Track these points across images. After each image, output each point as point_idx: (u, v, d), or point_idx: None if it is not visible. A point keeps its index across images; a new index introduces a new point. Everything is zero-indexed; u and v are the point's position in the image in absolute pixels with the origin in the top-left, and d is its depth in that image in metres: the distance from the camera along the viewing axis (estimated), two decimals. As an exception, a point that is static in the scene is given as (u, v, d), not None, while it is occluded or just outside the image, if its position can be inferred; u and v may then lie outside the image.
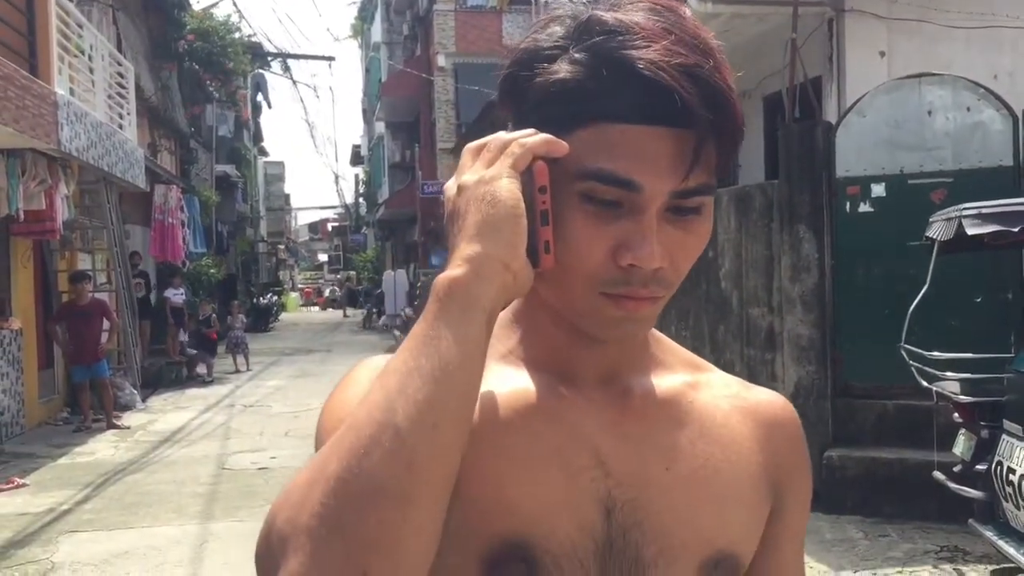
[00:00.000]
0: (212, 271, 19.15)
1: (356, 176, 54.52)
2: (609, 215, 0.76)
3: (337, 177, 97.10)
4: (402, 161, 32.81)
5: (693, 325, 7.91)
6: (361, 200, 50.28)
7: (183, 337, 15.71)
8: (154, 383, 13.98)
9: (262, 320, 28.35)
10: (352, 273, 48.19)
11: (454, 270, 0.72)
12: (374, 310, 29.65)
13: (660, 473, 0.84)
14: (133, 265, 14.00)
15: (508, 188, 0.73)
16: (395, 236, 37.06)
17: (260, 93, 34.23)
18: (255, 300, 29.90)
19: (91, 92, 11.01)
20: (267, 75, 32.45)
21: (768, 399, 0.94)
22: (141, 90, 15.49)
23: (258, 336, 24.31)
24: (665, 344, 0.95)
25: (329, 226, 68.39)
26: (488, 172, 0.75)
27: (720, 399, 0.91)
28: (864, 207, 6.67)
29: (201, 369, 15.70)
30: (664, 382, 0.90)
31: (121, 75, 12.85)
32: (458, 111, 24.42)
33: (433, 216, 23.78)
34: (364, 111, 46.81)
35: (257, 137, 40.24)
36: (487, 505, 0.82)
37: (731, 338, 7.44)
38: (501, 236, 0.72)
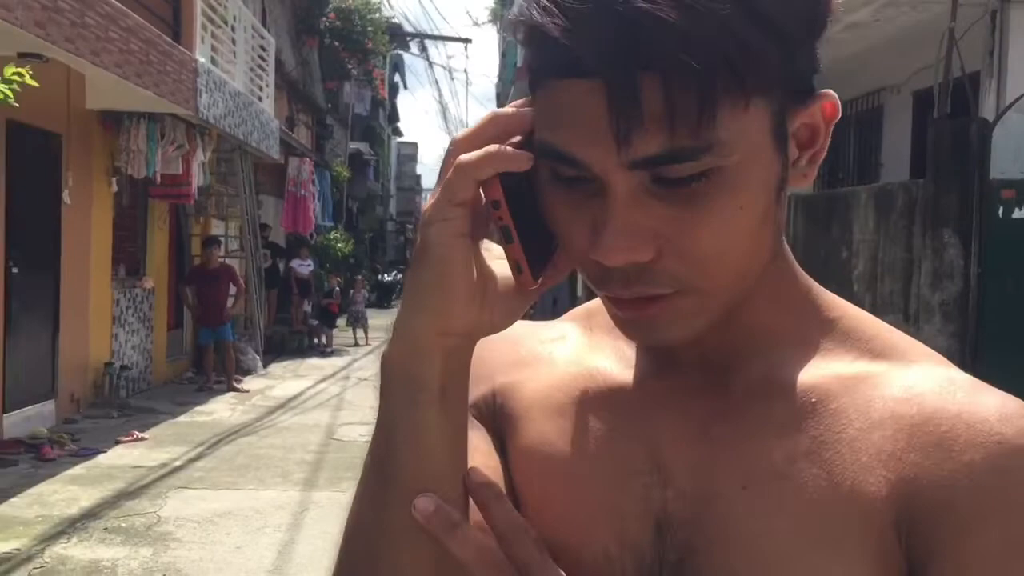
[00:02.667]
0: (340, 245, 19.53)
1: (486, 160, 55.03)
2: (581, 193, 0.59)
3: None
4: (531, 147, 32.83)
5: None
6: (489, 184, 50.75)
7: (307, 308, 16.07)
8: (276, 350, 14.37)
9: (385, 296, 28.90)
10: (476, 256, 48.64)
11: (389, 345, 0.63)
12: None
13: (734, 491, 0.63)
14: (262, 236, 14.38)
15: (436, 239, 0.59)
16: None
17: (397, 73, 34.85)
18: (380, 276, 30.48)
19: (232, 63, 11.29)
20: (404, 56, 32.97)
21: (954, 411, 0.60)
22: (281, 64, 15.88)
23: (380, 312, 24.75)
24: (845, 323, 0.68)
25: (457, 209, 69.37)
26: (427, 209, 0.60)
27: (876, 403, 0.62)
28: (1019, 213, 6.18)
29: (321, 340, 16.05)
30: (800, 374, 0.65)
31: (263, 47, 13.17)
32: (591, 98, 24.20)
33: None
34: (497, 95, 47.07)
35: (392, 117, 40.98)
36: (521, 502, 0.69)
37: (861, 345, 7.03)
38: (430, 303, 0.60)
